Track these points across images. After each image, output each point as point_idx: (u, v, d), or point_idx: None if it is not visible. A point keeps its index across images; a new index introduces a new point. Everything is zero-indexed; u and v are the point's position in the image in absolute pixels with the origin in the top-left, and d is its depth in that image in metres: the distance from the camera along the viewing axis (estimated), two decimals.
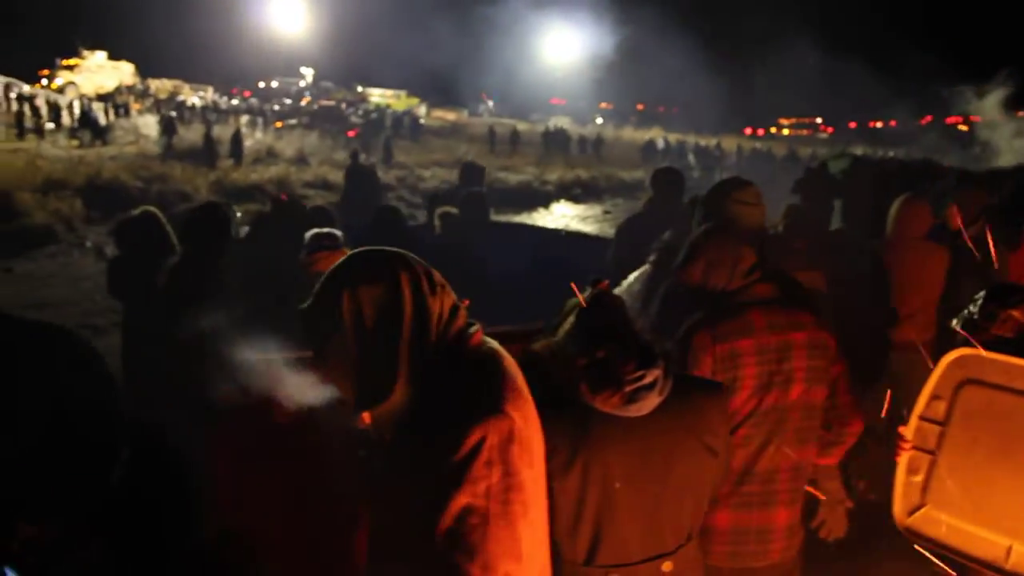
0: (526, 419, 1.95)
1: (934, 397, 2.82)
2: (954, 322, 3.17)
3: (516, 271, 5.72)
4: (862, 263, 5.40)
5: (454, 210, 6.49)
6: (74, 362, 1.45)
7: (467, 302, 2.08)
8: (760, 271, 3.15)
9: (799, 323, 3.09)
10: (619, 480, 2.40)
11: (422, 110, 63.41)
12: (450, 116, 65.48)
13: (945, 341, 3.49)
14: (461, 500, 1.81)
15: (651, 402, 2.42)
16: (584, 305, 2.48)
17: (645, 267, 4.47)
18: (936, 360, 2.95)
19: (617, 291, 4.39)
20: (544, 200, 27.37)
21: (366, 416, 2.01)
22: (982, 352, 2.79)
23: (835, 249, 5.51)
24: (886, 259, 5.38)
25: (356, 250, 2.08)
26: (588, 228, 21.66)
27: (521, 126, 51.17)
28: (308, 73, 78.18)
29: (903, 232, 5.46)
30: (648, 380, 2.40)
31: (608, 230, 17.42)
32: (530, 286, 4.62)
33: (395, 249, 2.04)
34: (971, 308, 3.16)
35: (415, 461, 1.91)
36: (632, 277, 4.50)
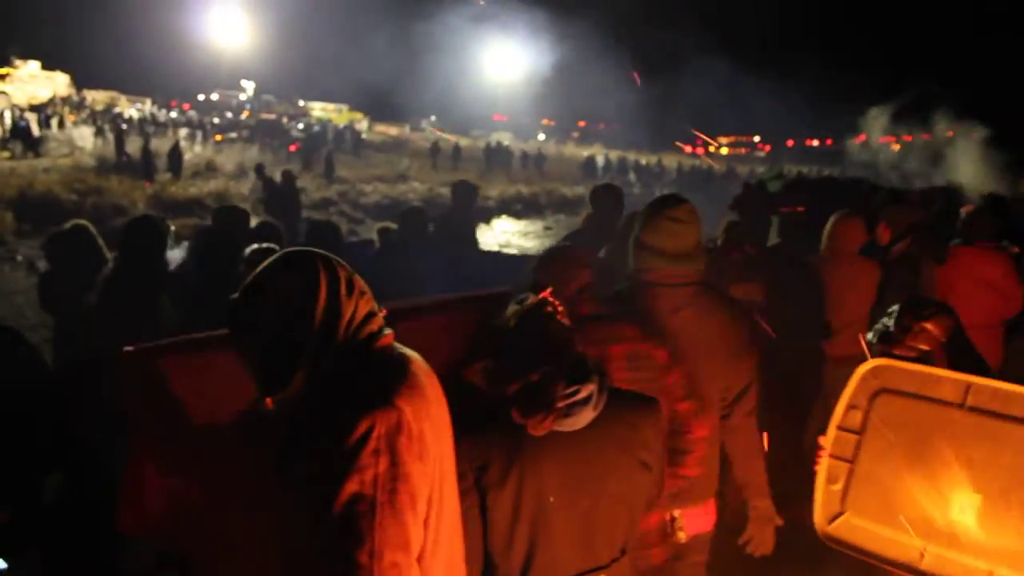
0: (419, 415, 2.00)
1: (850, 407, 2.91)
2: (870, 335, 3.25)
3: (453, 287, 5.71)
4: (798, 278, 5.50)
5: (393, 225, 6.51)
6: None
7: (384, 311, 2.15)
8: (591, 290, 3.25)
9: (619, 336, 3.15)
10: (553, 494, 2.41)
11: (364, 125, 63.22)
12: (392, 131, 65.41)
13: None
14: (349, 488, 1.86)
15: (585, 417, 2.43)
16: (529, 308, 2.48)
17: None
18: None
19: None
20: (485, 216, 27.34)
21: (269, 404, 2.05)
22: (895, 362, 2.88)
23: (772, 263, 5.60)
24: (821, 273, 5.50)
25: (289, 248, 2.19)
26: (529, 244, 21.71)
27: (463, 141, 51.21)
28: (249, 86, 77.63)
29: (837, 247, 5.59)
30: (583, 395, 2.41)
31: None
32: None
33: (322, 252, 2.13)
34: (886, 321, 3.24)
35: (306, 450, 1.95)
36: None
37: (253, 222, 6.40)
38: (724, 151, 78.80)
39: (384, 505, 1.88)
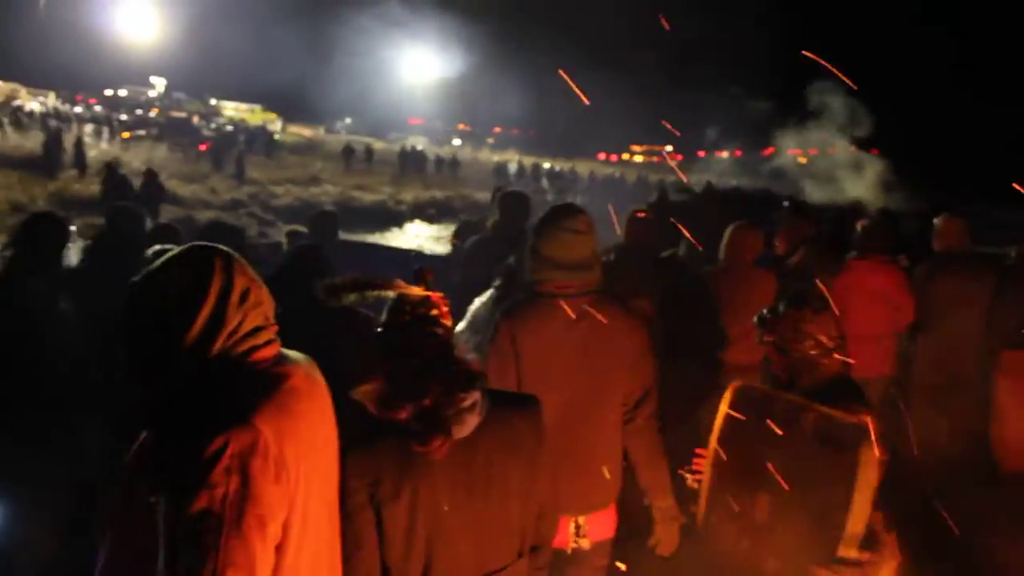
0: (281, 435, 1.96)
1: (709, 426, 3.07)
2: (758, 331, 3.33)
3: None
4: (696, 287, 5.61)
5: (303, 228, 6.46)
6: None
7: (276, 328, 2.12)
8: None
9: None
10: (446, 502, 2.42)
11: (277, 125, 62.31)
12: (306, 132, 64.52)
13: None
14: (199, 503, 1.83)
15: (471, 423, 2.46)
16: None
17: (491, 291, 4.52)
18: (765, 380, 3.19)
19: (462, 323, 4.45)
20: (398, 220, 27.29)
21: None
22: (747, 384, 2.99)
23: (668, 273, 5.70)
24: (717, 283, 5.62)
25: (194, 244, 2.14)
26: (441, 249, 21.67)
27: (378, 145, 50.89)
28: (159, 83, 75.75)
29: (734, 258, 5.71)
30: (468, 403, 2.44)
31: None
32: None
33: (229, 252, 2.09)
34: (766, 312, 3.34)
35: (160, 459, 1.93)
36: (478, 302, 4.54)
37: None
38: (638, 159, 79.87)
39: (231, 524, 1.85)
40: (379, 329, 2.47)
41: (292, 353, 2.19)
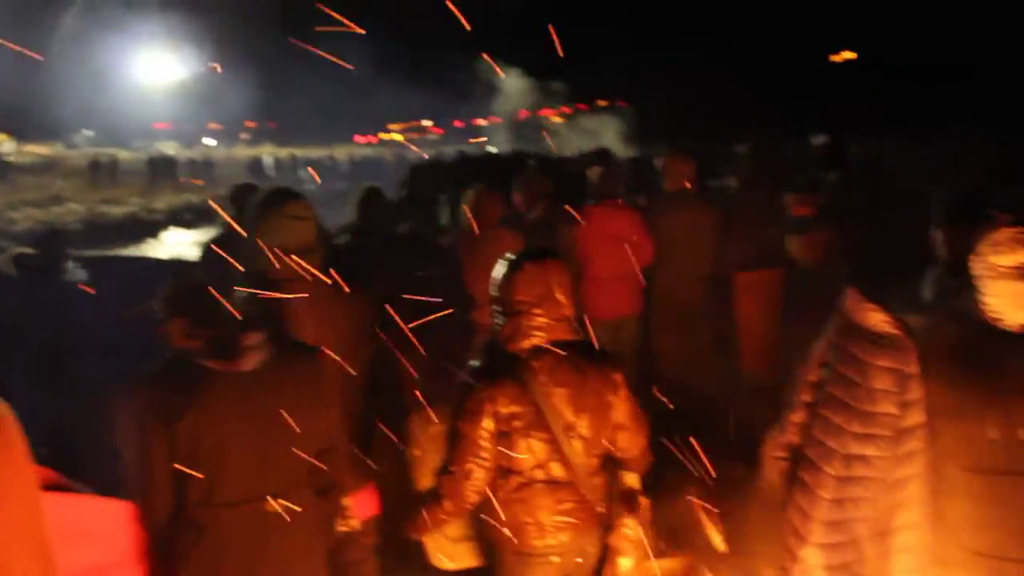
0: None
1: None
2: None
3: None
4: (445, 254, 5.73)
5: (30, 251, 6.08)
6: None
7: None
8: None
9: None
10: (229, 426, 2.83)
11: (9, 146, 57.82)
12: (44, 150, 60.11)
13: None
14: None
15: (255, 359, 2.90)
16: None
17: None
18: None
19: None
20: (153, 230, 26.05)
21: None
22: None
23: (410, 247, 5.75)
24: (463, 248, 5.75)
25: None
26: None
27: (123, 154, 48.25)
28: None
29: (477, 220, 5.86)
30: (251, 341, 2.90)
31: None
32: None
33: None
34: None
35: None
36: None
37: None
38: (398, 138, 79.71)
39: None
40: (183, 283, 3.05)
41: None
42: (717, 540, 3.00)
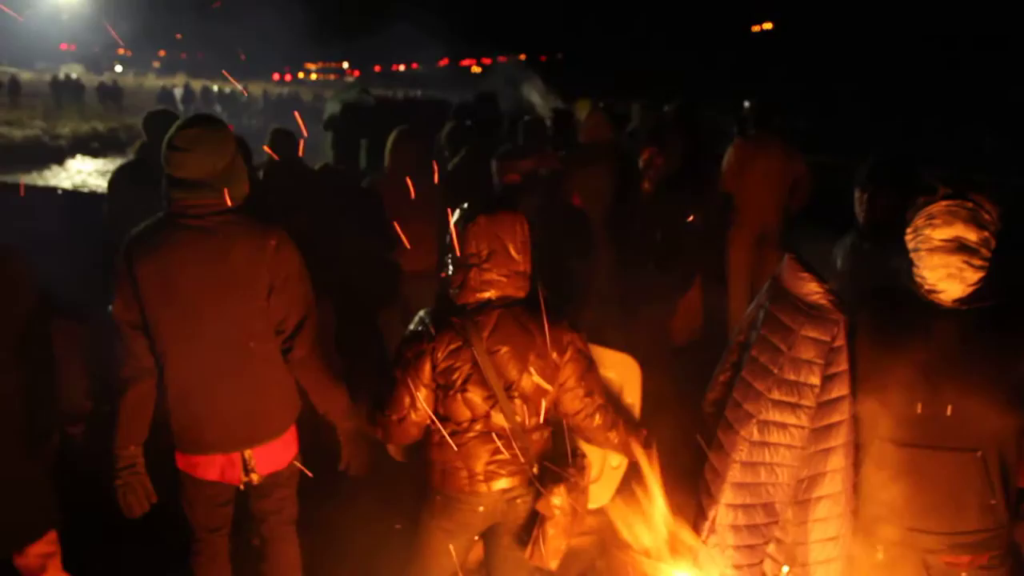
0: None
1: None
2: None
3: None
4: (361, 197, 5.68)
5: None
6: None
7: None
8: None
9: None
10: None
11: None
12: None
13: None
14: None
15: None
16: None
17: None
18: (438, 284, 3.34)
19: None
20: (58, 156, 25.08)
21: None
22: None
23: (323, 185, 5.69)
24: (384, 191, 5.72)
25: None
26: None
27: (25, 75, 46.23)
28: None
29: (395, 165, 5.83)
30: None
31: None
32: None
33: None
34: None
35: None
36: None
37: None
38: (313, 76, 78.15)
39: None
40: None
41: None
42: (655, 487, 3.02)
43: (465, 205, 3.18)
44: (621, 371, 3.47)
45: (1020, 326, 2.72)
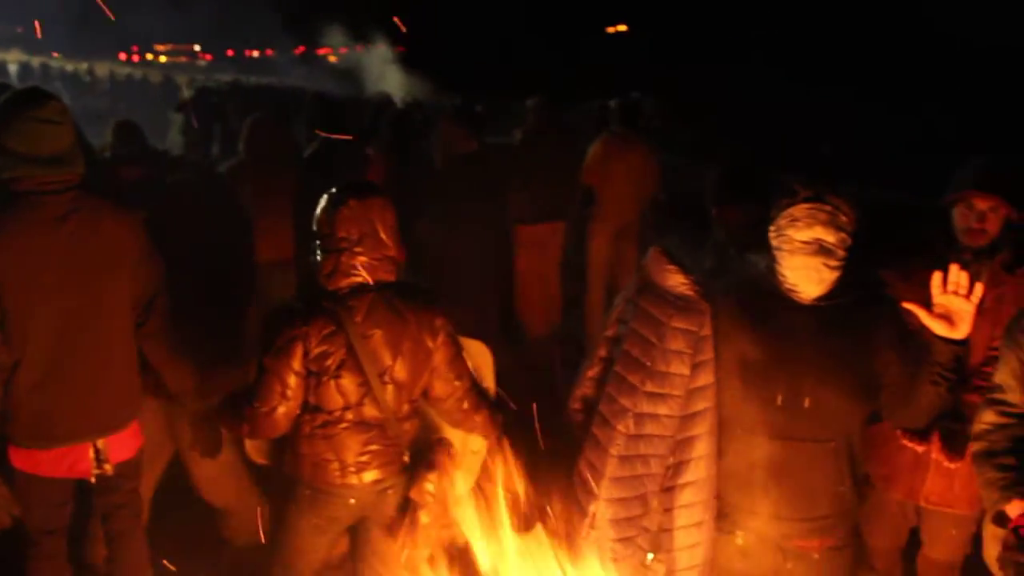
0: None
1: None
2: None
3: None
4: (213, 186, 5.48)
5: None
6: None
7: None
8: None
9: None
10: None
11: None
12: None
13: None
14: None
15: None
16: None
17: None
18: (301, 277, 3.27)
19: None
20: None
21: None
22: None
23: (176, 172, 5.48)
24: (239, 179, 5.57)
25: None
26: None
27: None
28: None
29: (252, 152, 5.70)
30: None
31: None
32: None
33: None
34: None
35: None
36: None
37: None
38: (162, 59, 75.39)
39: None
40: None
41: None
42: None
43: (333, 190, 3.14)
44: (474, 356, 3.47)
45: (869, 322, 2.85)
